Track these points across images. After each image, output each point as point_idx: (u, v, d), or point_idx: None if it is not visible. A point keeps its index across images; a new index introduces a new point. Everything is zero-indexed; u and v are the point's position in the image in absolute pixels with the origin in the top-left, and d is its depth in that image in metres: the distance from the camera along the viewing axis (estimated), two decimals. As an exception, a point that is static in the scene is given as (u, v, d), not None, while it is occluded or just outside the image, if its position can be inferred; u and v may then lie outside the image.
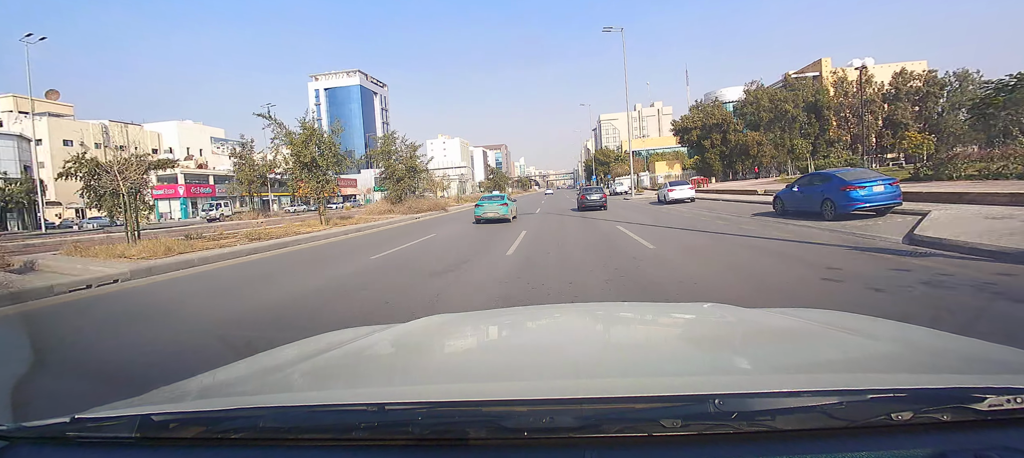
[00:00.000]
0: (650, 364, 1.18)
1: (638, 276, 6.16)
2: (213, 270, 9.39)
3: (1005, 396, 0.75)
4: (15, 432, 0.92)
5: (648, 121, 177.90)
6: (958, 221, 8.62)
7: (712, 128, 53.91)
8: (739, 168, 54.48)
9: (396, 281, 7.17)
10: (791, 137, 53.22)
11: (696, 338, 1.48)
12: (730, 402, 0.77)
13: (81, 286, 7.39)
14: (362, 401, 0.90)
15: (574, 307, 2.78)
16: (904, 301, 4.23)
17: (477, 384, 1.06)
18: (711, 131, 54.03)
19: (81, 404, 1.03)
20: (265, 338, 4.00)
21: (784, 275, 5.82)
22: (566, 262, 7.79)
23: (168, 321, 5.33)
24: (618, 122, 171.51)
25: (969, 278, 4.93)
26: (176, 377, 1.29)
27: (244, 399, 1.04)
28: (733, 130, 52.85)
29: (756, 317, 1.63)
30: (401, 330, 1.64)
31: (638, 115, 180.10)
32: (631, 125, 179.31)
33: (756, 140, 51.88)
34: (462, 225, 18.28)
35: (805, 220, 11.77)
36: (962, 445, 0.71)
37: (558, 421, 0.78)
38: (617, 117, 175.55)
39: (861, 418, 0.75)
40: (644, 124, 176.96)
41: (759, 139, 52.04)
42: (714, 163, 53.91)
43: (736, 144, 52.76)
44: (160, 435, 0.89)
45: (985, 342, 1.12)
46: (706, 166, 54.66)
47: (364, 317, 4.86)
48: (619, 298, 5.05)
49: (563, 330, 1.66)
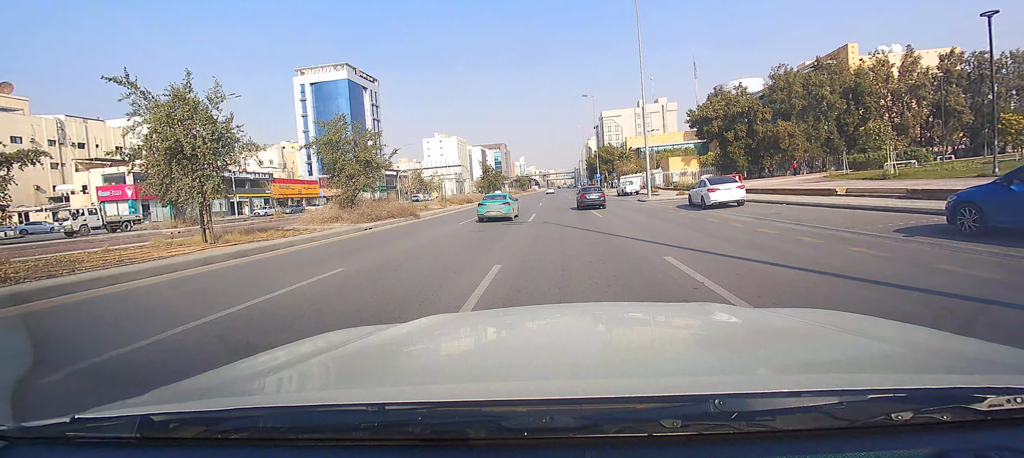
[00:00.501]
0: (650, 364, 1.20)
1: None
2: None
3: (1005, 396, 0.75)
4: (15, 432, 0.92)
5: (652, 117, 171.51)
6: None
7: (736, 118, 46.99)
8: (767, 163, 47.48)
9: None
10: (826, 126, 46.21)
11: (696, 338, 1.49)
12: (730, 402, 0.76)
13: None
14: (362, 401, 0.90)
15: (574, 307, 2.70)
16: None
17: (477, 384, 1.04)
18: (735, 121, 47.11)
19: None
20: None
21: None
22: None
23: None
24: (621, 118, 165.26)
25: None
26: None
27: (244, 399, 1.04)
28: (761, 119, 45.86)
29: (756, 317, 1.66)
30: (401, 330, 1.63)
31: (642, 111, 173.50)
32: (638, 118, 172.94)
33: (788, 131, 44.90)
34: (413, 245, 12.21)
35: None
36: (962, 445, 0.71)
37: (558, 421, 0.78)
38: (620, 113, 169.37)
39: (861, 418, 0.75)
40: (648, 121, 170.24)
41: (791, 129, 45.07)
42: (738, 158, 46.95)
43: (764, 136, 45.79)
44: (160, 435, 0.88)
45: (985, 342, 1.12)
46: (728, 162, 47.68)
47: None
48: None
49: (563, 330, 1.64)
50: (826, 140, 46.54)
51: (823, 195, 17.91)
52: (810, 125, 46.17)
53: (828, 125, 46.34)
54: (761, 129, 45.67)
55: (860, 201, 14.54)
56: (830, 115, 46.47)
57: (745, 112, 46.08)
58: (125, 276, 8.15)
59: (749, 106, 45.88)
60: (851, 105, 46.52)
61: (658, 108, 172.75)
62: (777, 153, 46.28)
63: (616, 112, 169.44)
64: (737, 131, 46.46)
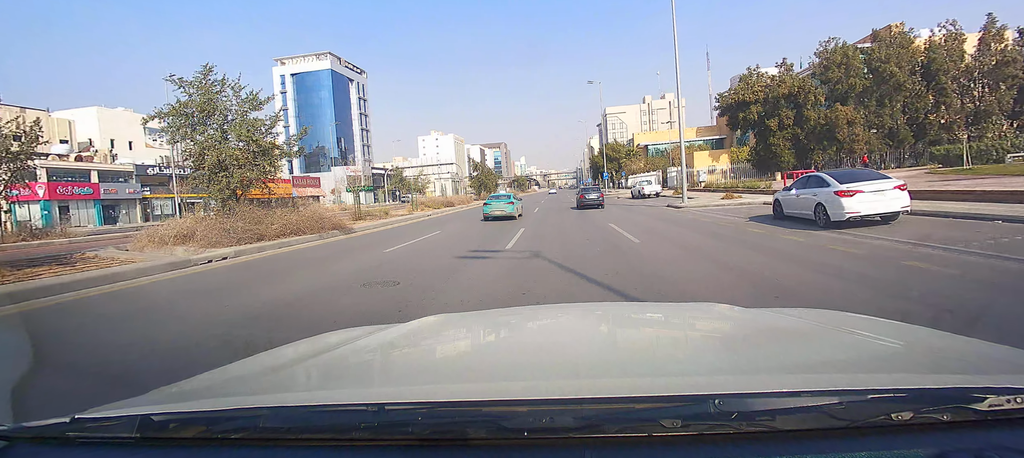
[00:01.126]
0: (650, 364, 1.19)
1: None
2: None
3: (1005, 396, 0.75)
4: (15, 432, 0.92)
5: (659, 113, 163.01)
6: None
7: (779, 102, 38.21)
8: (817, 159, 38.64)
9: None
10: (891, 112, 37.37)
11: (696, 338, 1.49)
12: (730, 402, 0.76)
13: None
14: (362, 401, 0.89)
15: (574, 307, 2.71)
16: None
17: (477, 384, 1.04)
18: (778, 107, 38.32)
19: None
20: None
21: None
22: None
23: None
24: (626, 115, 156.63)
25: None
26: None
27: (244, 399, 1.03)
28: (813, 104, 37.01)
29: (756, 317, 1.63)
30: (401, 330, 1.61)
31: (648, 108, 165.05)
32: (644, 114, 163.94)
33: (847, 117, 36.07)
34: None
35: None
36: (962, 445, 0.70)
37: (558, 421, 0.78)
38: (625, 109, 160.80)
39: (861, 418, 0.75)
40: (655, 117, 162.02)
41: (850, 116, 36.23)
42: (782, 152, 38.16)
43: (815, 124, 36.97)
44: (160, 435, 0.88)
45: (985, 342, 1.12)
46: (770, 156, 38.91)
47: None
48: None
49: (563, 330, 1.63)
50: (892, 129, 37.73)
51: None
52: (872, 111, 37.32)
53: (892, 110, 37.49)
54: (813, 115, 36.82)
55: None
56: (896, 99, 37.63)
57: (794, 94, 37.19)
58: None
59: (799, 87, 36.92)
60: (921, 87, 37.69)
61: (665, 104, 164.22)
62: (831, 145, 37.45)
63: (621, 108, 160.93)
64: (782, 118, 37.65)
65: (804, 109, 36.87)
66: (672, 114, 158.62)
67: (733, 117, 41.42)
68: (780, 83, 37.63)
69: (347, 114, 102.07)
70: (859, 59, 37.40)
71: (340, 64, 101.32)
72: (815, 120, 36.60)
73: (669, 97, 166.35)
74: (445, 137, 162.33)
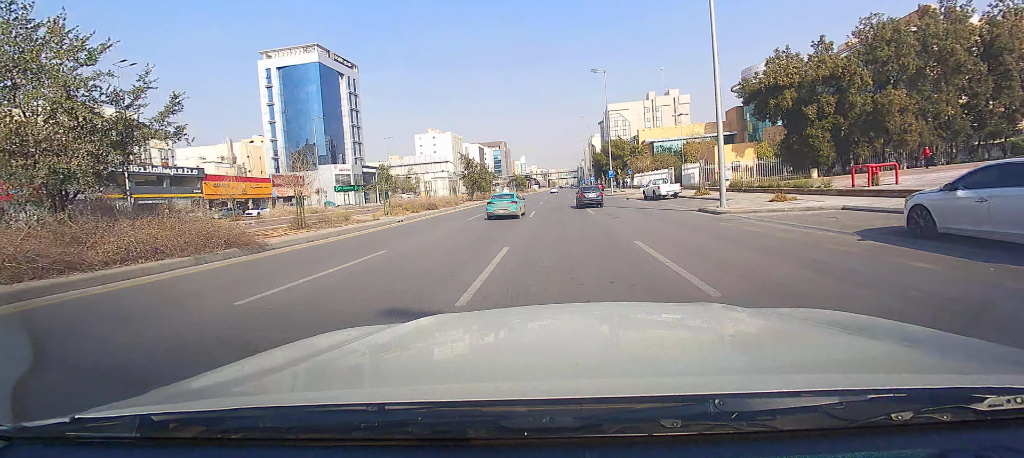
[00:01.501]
0: (650, 364, 1.18)
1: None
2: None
3: (1005, 396, 0.75)
4: (15, 432, 0.92)
5: (663, 110, 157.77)
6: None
7: (817, 86, 32.85)
8: (861, 153, 33.25)
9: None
10: (947, 98, 31.99)
11: (696, 338, 1.48)
12: (730, 402, 0.76)
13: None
14: (362, 401, 0.89)
15: (574, 307, 2.67)
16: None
17: (477, 384, 1.04)
18: (815, 92, 32.94)
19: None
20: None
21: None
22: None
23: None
24: (629, 112, 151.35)
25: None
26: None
27: (244, 399, 1.03)
28: (859, 88, 31.60)
29: (756, 317, 1.62)
30: (401, 330, 1.61)
31: (652, 104, 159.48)
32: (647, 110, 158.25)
33: (899, 103, 30.70)
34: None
35: None
36: (962, 445, 0.71)
37: (558, 421, 0.78)
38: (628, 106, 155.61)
39: (861, 418, 0.75)
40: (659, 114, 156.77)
41: (903, 101, 30.85)
42: (821, 145, 32.78)
43: (862, 112, 31.58)
44: (160, 435, 0.88)
45: (985, 342, 1.11)
46: (806, 150, 33.55)
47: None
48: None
49: (563, 330, 1.61)
50: (949, 119, 32.33)
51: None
52: (925, 96, 31.94)
53: (949, 96, 32.12)
54: (859, 101, 31.40)
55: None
56: (953, 82, 32.25)
57: (838, 76, 31.74)
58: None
59: (843, 68, 31.48)
60: (982, 68, 32.34)
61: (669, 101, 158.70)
62: (879, 136, 32.05)
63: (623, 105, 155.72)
64: (821, 104, 32.23)
65: (847, 94, 31.52)
66: (676, 111, 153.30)
67: (761, 104, 36.03)
68: (820, 64, 32.28)
69: (337, 110, 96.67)
70: (912, 35, 32.03)
71: (329, 57, 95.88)
72: (861, 107, 31.26)
73: (673, 93, 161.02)
74: (443, 135, 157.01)
